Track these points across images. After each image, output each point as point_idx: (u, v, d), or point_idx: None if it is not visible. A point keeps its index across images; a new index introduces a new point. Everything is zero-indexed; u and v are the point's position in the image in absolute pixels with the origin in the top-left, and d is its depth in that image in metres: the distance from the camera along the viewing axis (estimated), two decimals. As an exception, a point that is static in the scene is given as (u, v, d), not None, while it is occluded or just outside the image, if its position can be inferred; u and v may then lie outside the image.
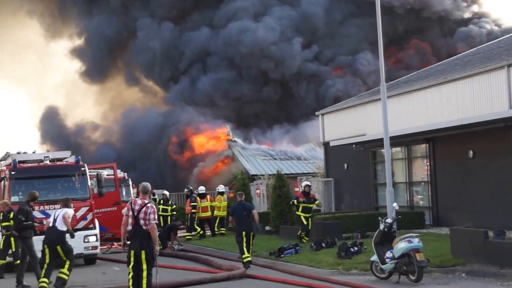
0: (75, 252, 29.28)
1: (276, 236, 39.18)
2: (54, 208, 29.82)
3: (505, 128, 32.73)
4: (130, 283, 20.04)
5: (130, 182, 46.15)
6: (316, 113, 53.05)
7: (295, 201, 33.57)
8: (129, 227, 20.26)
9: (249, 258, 29.95)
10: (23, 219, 27.05)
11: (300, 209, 33.58)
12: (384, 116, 31.11)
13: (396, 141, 37.62)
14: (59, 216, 26.10)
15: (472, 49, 52.47)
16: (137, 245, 19.99)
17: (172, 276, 26.49)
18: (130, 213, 20.31)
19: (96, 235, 33.21)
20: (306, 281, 23.72)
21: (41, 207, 32.15)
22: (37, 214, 31.90)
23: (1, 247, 29.80)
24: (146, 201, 20.37)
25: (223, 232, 45.60)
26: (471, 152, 35.57)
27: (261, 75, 77.18)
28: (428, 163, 39.72)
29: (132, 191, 46.36)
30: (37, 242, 27.05)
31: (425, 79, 42.33)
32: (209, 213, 46.09)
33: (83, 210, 31.54)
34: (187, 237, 44.04)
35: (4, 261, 29.93)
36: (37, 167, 34.00)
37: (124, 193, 43.63)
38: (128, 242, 20.49)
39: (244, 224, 30.61)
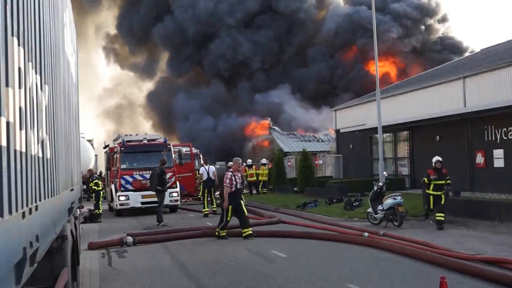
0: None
1: (302, 195, 39.29)
2: (150, 173, 30.64)
3: (461, 120, 32.84)
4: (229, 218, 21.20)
5: (201, 156, 46.51)
6: (331, 109, 53.28)
7: (426, 179, 23.20)
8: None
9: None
10: (165, 177, 28.51)
11: (432, 187, 23.01)
12: (378, 112, 31.33)
13: (386, 129, 37.56)
14: (210, 170, 30.96)
15: (439, 66, 52.39)
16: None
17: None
18: (234, 182, 20.99)
19: (177, 192, 33.88)
20: (322, 225, 23.90)
21: (140, 172, 32.98)
22: (138, 177, 32.74)
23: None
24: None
25: (265, 192, 46.06)
26: (438, 137, 35.59)
27: None
28: (408, 145, 39.77)
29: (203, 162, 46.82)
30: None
31: (407, 86, 42.29)
32: (254, 178, 46.56)
33: (169, 175, 31.79)
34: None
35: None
36: (139, 145, 34.84)
37: (196, 164, 43.99)
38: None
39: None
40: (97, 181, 32.47)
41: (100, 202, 31.78)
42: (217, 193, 32.72)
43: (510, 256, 14.50)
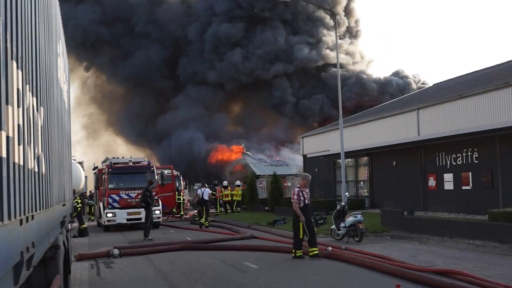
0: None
1: (272, 213, 39.34)
2: (134, 192, 32.27)
3: (415, 147, 33.16)
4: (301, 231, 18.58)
5: (181, 177, 46.36)
6: (299, 136, 53.39)
7: None
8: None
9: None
10: (148, 194, 28.35)
11: None
12: (341, 139, 31.48)
13: (348, 154, 37.78)
14: (205, 192, 34.47)
15: (397, 98, 52.88)
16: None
17: (209, 236, 26.73)
18: (302, 197, 18.67)
19: (159, 209, 33.75)
20: (290, 240, 23.85)
21: (126, 192, 32.90)
22: (124, 196, 32.66)
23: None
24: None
25: (239, 210, 46.24)
26: (394, 162, 35.83)
27: None
28: (368, 169, 39.93)
29: (183, 183, 46.59)
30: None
31: (367, 116, 42.59)
32: (229, 198, 46.83)
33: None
34: (215, 213, 44.56)
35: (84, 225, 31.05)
36: (125, 167, 34.78)
37: (177, 184, 43.87)
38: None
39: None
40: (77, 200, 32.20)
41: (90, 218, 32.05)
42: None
43: (458, 268, 14.59)
